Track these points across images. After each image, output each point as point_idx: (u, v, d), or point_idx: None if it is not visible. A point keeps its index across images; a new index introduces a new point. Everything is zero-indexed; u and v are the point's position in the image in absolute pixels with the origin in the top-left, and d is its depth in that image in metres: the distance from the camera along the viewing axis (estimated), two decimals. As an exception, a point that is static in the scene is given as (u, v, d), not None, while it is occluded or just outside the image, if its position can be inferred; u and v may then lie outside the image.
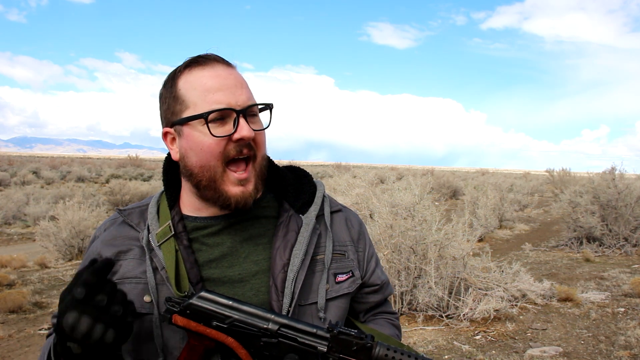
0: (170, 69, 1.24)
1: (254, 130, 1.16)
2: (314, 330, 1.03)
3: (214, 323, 1.03)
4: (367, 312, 1.42)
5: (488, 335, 5.08)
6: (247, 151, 1.16)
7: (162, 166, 1.33)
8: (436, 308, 5.58)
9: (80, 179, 32.09)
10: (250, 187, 1.18)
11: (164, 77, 1.24)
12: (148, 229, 1.22)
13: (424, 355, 1.08)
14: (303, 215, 1.27)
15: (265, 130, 1.21)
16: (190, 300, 1.05)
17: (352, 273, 1.29)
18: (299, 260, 1.19)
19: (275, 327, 1.03)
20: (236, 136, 1.13)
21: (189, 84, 1.15)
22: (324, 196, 1.34)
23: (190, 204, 1.25)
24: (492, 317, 5.41)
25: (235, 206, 1.17)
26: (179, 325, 1.05)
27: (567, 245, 10.40)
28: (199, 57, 1.19)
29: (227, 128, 1.13)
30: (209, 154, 1.14)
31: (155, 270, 1.17)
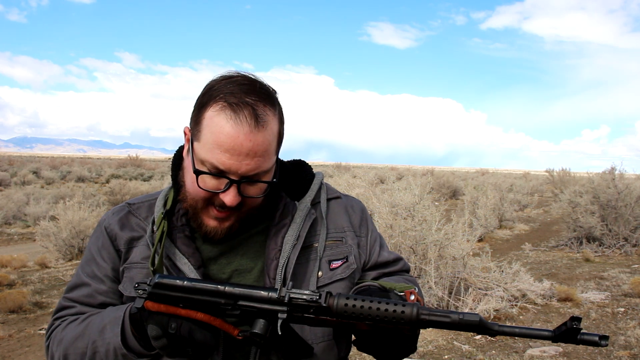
0: (170, 69, 1.21)
1: (247, 196, 1.15)
2: (268, 295, 1.00)
3: (181, 304, 1.02)
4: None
5: (488, 335, 5.08)
6: (227, 210, 1.16)
7: (161, 166, 1.32)
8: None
9: (81, 179, 32.08)
10: (226, 224, 1.19)
11: (164, 77, 1.20)
12: (153, 222, 1.25)
13: (397, 295, 1.06)
14: (298, 202, 1.29)
15: (259, 197, 1.18)
16: (151, 290, 1.03)
17: (347, 258, 1.29)
18: (290, 245, 1.20)
19: (231, 302, 1.01)
20: (220, 198, 1.14)
21: (211, 122, 1.11)
22: (321, 184, 1.36)
23: None
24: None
25: (204, 234, 1.21)
26: (152, 311, 1.03)
27: (567, 245, 10.40)
28: (232, 99, 1.11)
29: (218, 184, 1.13)
30: (195, 191, 1.17)
31: (154, 264, 1.20)
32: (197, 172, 1.13)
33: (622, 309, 5.81)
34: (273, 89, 1.20)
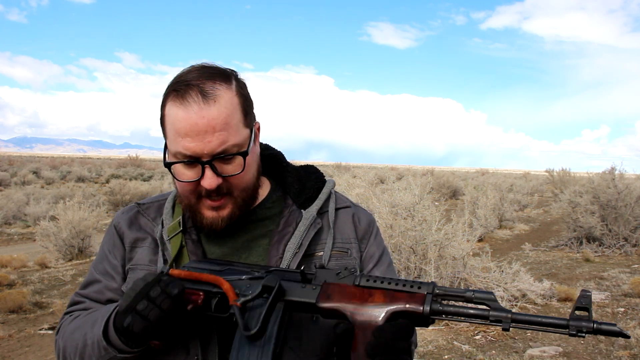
0: (170, 69, 1.21)
1: (227, 175, 1.14)
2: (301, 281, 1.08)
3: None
4: None
5: (488, 335, 5.08)
6: (215, 196, 1.16)
7: (161, 166, 1.34)
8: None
9: (81, 179, 32.08)
10: (225, 212, 1.18)
11: (164, 77, 1.20)
12: (162, 224, 1.26)
13: (413, 280, 1.08)
14: (304, 210, 1.27)
15: (240, 173, 1.16)
16: (187, 265, 1.14)
17: None
18: (291, 254, 1.19)
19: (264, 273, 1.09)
20: (201, 184, 1.14)
21: (168, 116, 1.14)
22: (330, 192, 1.32)
23: None
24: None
25: (206, 227, 1.21)
26: (175, 277, 1.07)
27: (567, 245, 10.40)
28: (180, 85, 1.13)
29: (195, 172, 1.14)
30: (180, 187, 1.19)
31: (165, 262, 1.23)
32: (167, 165, 1.15)
33: (622, 309, 5.82)
34: (231, 70, 1.20)
